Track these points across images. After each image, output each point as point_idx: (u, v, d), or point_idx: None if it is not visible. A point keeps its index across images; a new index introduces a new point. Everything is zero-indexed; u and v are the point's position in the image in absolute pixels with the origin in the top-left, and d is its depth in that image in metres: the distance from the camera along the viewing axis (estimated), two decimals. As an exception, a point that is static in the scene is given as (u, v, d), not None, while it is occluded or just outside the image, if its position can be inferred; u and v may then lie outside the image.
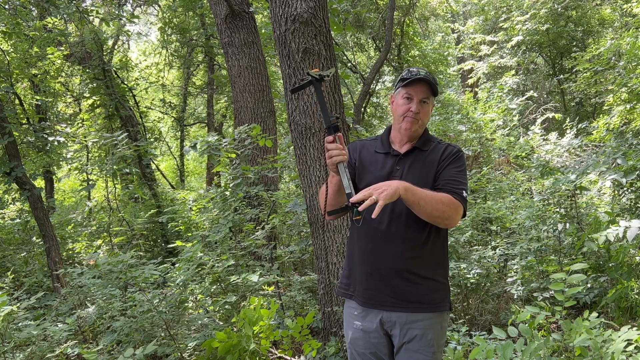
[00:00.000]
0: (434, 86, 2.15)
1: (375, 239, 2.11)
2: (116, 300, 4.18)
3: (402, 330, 2.10)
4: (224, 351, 3.43)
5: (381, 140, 2.26)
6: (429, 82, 2.13)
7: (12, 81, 7.51)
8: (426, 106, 2.17)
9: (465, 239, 5.21)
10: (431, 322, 2.10)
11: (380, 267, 2.10)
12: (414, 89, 2.13)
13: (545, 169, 5.13)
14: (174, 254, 6.23)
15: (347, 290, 2.23)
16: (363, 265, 2.15)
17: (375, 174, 2.15)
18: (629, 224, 3.56)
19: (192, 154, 5.14)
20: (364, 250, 2.15)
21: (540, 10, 11.09)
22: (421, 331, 2.09)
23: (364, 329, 2.17)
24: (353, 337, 2.22)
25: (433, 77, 2.18)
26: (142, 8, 13.36)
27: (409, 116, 2.14)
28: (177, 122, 15.37)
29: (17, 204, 9.08)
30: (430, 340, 2.10)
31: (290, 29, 3.65)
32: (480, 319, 4.61)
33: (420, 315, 2.09)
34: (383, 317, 2.12)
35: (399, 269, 2.08)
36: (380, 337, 2.15)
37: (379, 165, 2.18)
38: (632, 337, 2.60)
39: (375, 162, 2.20)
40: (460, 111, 9.19)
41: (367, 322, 2.16)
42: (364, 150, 2.27)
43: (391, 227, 2.09)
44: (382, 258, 2.10)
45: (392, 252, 2.08)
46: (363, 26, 11.01)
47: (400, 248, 2.08)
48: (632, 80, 6.22)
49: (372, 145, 2.27)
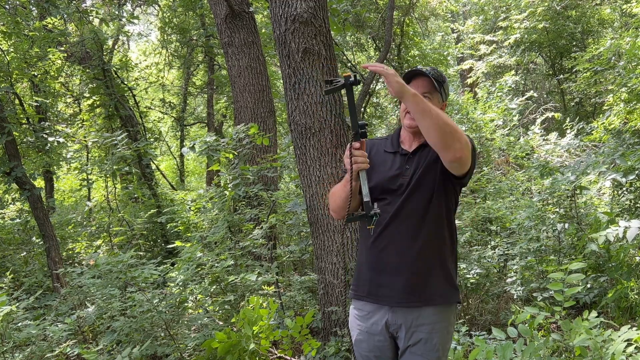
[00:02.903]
0: (436, 80, 2.12)
1: (383, 237, 2.11)
2: (116, 300, 4.17)
3: (407, 333, 2.09)
4: (224, 351, 3.43)
5: (391, 140, 2.26)
6: (429, 77, 2.11)
7: (12, 81, 7.50)
8: (428, 101, 2.15)
9: (465, 239, 5.21)
10: (438, 326, 2.09)
11: (390, 263, 2.10)
12: (415, 83, 2.12)
13: (545, 169, 5.13)
14: (173, 254, 6.23)
15: (357, 291, 2.22)
16: (372, 263, 2.15)
17: (384, 174, 2.15)
18: (629, 224, 3.56)
19: (192, 154, 5.13)
20: (372, 249, 2.15)
21: (538, 8, 11.09)
22: (427, 335, 2.08)
23: (369, 331, 2.16)
24: (357, 339, 2.21)
25: (437, 73, 2.16)
26: (142, 8, 13.36)
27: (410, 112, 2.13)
28: (177, 122, 15.37)
29: (17, 204, 9.07)
30: (435, 345, 2.09)
31: (290, 29, 3.65)
32: (480, 319, 4.60)
33: (429, 311, 2.07)
34: (389, 319, 2.11)
35: (409, 264, 2.07)
36: (385, 340, 2.15)
37: (388, 165, 2.17)
38: (632, 337, 2.60)
39: (384, 162, 2.19)
40: (460, 111, 9.17)
41: (373, 325, 2.15)
42: (373, 149, 2.25)
43: (397, 223, 2.09)
44: (390, 254, 2.10)
45: (400, 248, 2.08)
46: (363, 26, 11.01)
47: (408, 243, 2.07)
48: (632, 80, 6.21)
49: (381, 145, 2.27)
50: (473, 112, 9.22)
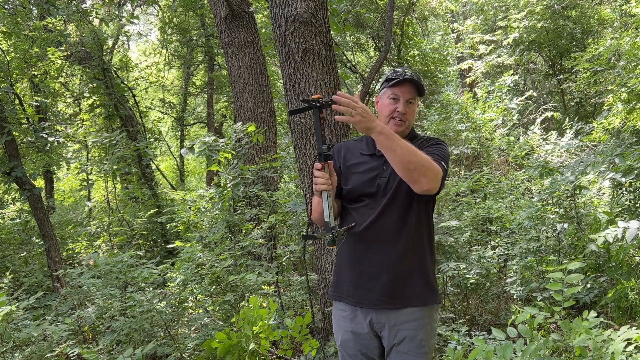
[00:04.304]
0: (420, 86, 2.15)
1: (363, 239, 2.11)
2: (116, 300, 4.18)
3: (391, 331, 2.10)
4: (224, 351, 3.43)
5: (366, 142, 2.25)
6: (415, 83, 2.13)
7: (12, 81, 7.50)
8: (412, 106, 2.16)
9: (465, 239, 5.21)
10: (421, 323, 2.10)
11: (370, 266, 2.11)
12: (401, 89, 2.14)
13: (544, 170, 5.13)
14: (173, 254, 6.23)
15: (336, 292, 2.23)
16: (352, 265, 2.15)
17: (362, 176, 2.16)
18: (628, 225, 3.56)
19: (191, 154, 5.12)
20: (352, 250, 2.15)
21: (536, 7, 11.10)
22: (411, 332, 2.09)
23: (354, 331, 2.17)
24: (343, 339, 2.22)
25: (419, 77, 2.18)
26: (142, 8, 13.35)
27: (395, 117, 2.14)
28: (177, 122, 15.38)
29: (17, 204, 9.08)
30: (420, 341, 2.10)
31: (290, 29, 3.65)
32: (480, 319, 4.61)
33: (410, 311, 2.08)
34: (372, 319, 2.12)
35: (388, 266, 2.08)
36: (371, 339, 2.15)
37: (366, 166, 2.18)
38: (632, 337, 2.60)
39: (361, 164, 2.20)
40: (460, 111, 9.18)
41: (357, 325, 2.16)
42: (348, 152, 2.26)
43: (378, 226, 2.09)
44: (370, 257, 2.11)
45: (380, 250, 2.09)
46: (363, 26, 11.01)
47: (388, 245, 2.08)
48: (632, 80, 6.21)
49: (357, 147, 2.27)
50: (473, 112, 9.22)
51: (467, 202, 6.42)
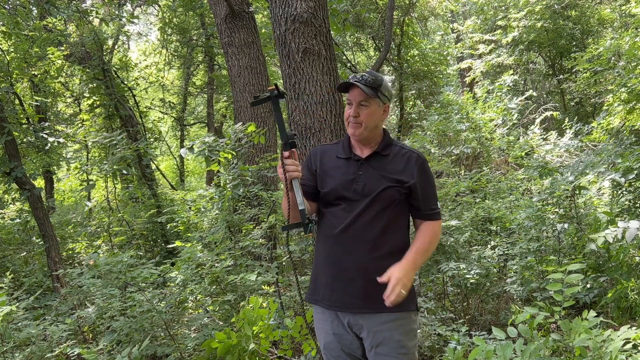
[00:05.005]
0: (372, 87, 2.10)
1: (339, 242, 2.11)
2: (116, 300, 4.18)
3: (369, 333, 2.10)
4: (224, 351, 3.43)
5: (342, 146, 2.25)
6: (363, 85, 2.08)
7: (12, 81, 7.50)
8: (365, 109, 2.11)
9: (464, 239, 5.21)
10: (400, 323, 2.09)
11: (345, 269, 2.10)
12: (351, 93, 2.13)
13: (544, 170, 5.13)
14: (173, 254, 6.23)
15: (313, 295, 2.22)
16: (328, 268, 2.15)
17: (338, 180, 2.16)
18: (628, 225, 3.56)
19: (191, 155, 5.13)
20: (328, 253, 2.15)
21: (536, 7, 11.10)
22: (389, 333, 2.08)
23: (335, 333, 2.17)
24: (326, 342, 2.21)
25: (371, 78, 2.12)
26: (142, 8, 13.36)
27: (350, 121, 2.14)
28: (177, 122, 15.38)
29: (17, 204, 9.08)
30: (398, 342, 2.09)
31: (290, 29, 3.66)
32: (480, 319, 4.61)
33: (385, 315, 2.07)
34: (350, 321, 2.12)
35: (364, 270, 2.08)
36: (353, 339, 2.16)
37: (342, 170, 2.18)
38: (631, 336, 2.60)
39: (337, 167, 2.20)
40: (460, 111, 9.18)
41: (337, 327, 2.16)
42: (325, 156, 2.26)
43: (354, 229, 2.09)
44: (346, 260, 2.10)
45: (357, 254, 2.09)
46: (363, 26, 11.01)
47: (364, 249, 2.08)
48: (632, 80, 6.21)
49: (333, 151, 2.27)
50: (473, 112, 9.22)
51: (467, 202, 6.41)
